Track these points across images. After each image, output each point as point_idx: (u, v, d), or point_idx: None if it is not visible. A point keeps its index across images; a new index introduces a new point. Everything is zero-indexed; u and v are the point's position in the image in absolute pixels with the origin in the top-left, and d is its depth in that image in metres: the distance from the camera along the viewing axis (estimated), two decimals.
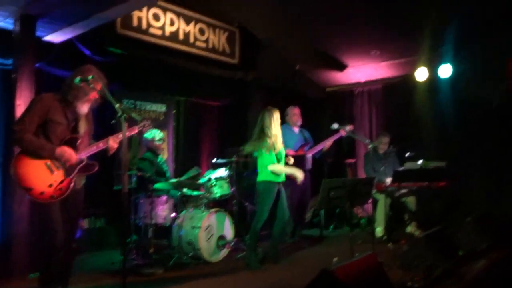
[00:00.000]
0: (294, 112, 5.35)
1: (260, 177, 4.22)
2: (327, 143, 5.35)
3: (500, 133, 5.31)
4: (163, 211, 4.43)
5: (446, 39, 5.40)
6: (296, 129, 5.43)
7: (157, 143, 4.82)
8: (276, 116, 4.29)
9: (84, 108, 3.10)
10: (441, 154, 5.61)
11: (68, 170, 3.00)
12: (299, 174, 4.25)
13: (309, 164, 5.31)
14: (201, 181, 4.78)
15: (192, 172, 4.79)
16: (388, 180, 5.22)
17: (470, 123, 5.64)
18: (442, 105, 5.97)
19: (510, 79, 5.14)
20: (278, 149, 4.24)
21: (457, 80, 5.77)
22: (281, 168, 4.20)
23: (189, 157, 6.03)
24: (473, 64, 5.56)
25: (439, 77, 5.89)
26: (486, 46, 5.17)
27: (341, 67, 6.74)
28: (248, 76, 6.32)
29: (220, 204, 4.92)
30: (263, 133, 4.22)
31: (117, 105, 2.82)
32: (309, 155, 5.28)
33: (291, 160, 4.48)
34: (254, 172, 4.45)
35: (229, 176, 4.84)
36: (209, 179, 4.70)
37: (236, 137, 6.36)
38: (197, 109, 6.31)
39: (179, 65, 5.45)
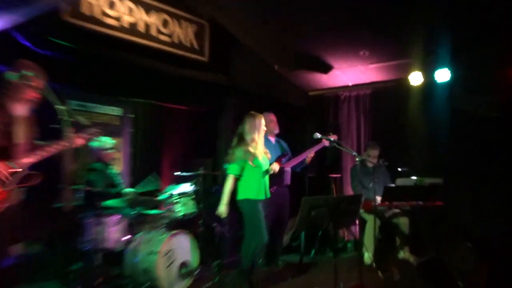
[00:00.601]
0: (270, 119, 5.37)
1: (242, 195, 4.24)
2: (309, 155, 5.36)
3: (496, 148, 5.44)
4: (114, 233, 4.38)
5: (443, 41, 5.52)
6: (272, 139, 5.47)
7: (107, 152, 4.84)
8: (259, 122, 4.35)
9: (20, 110, 2.99)
10: (437, 169, 5.68)
11: (4, 181, 2.88)
12: (223, 210, 4.28)
13: (287, 179, 5.29)
14: (161, 197, 4.73)
15: (149, 182, 4.76)
16: (378, 198, 5.26)
17: (467, 135, 5.76)
18: (439, 114, 6.07)
19: (506, 91, 5.26)
20: (262, 159, 4.29)
21: (454, 87, 5.89)
22: (226, 188, 4.24)
23: (148, 169, 5.88)
24: (471, 71, 5.70)
25: (436, 83, 6.00)
26: (487, 51, 5.31)
27: (326, 68, 6.78)
28: (219, 77, 6.35)
29: (183, 225, 4.89)
30: (241, 141, 4.28)
31: (60, 107, 2.71)
32: (287, 169, 5.27)
33: (276, 167, 4.49)
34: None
35: (195, 192, 4.84)
36: (171, 195, 4.72)
37: (204, 147, 6.37)
38: (160, 114, 6.28)
39: (138, 62, 5.41)
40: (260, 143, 4.37)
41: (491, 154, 5.50)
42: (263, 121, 4.43)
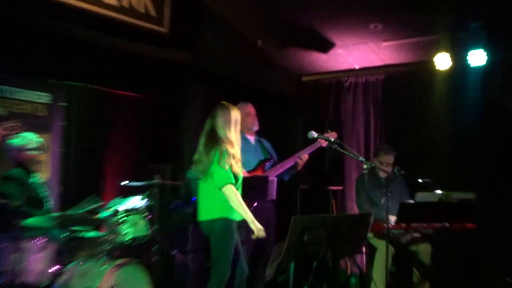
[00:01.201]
0: (247, 111, 5.39)
1: (215, 212, 4.26)
2: (300, 160, 5.34)
3: None
4: (38, 263, 4.32)
5: (478, 13, 5.59)
6: (251, 138, 5.47)
7: (30, 153, 4.78)
8: (235, 116, 4.41)
9: None
10: (468, 181, 5.74)
11: None
12: (258, 228, 4.28)
13: (272, 192, 5.18)
14: (102, 215, 4.71)
15: (89, 204, 4.76)
16: (392, 218, 5.25)
17: (507, 136, 5.89)
18: (471, 108, 6.15)
19: None
20: (238, 167, 4.33)
21: (491, 74, 6.00)
22: (239, 201, 4.22)
23: (85, 177, 5.93)
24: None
25: (468, 67, 6.05)
26: None
27: (326, 46, 6.78)
28: (183, 55, 6.35)
29: (132, 252, 4.86)
30: (215, 138, 4.32)
31: None
32: (272, 178, 5.22)
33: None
34: (188, 202, 4.51)
35: (149, 208, 4.85)
36: (116, 213, 4.72)
37: (162, 149, 6.37)
38: (102, 103, 6.25)
39: (73, 33, 5.36)
40: (237, 144, 4.40)
41: None
42: (239, 115, 4.48)
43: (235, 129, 4.41)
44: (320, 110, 7.40)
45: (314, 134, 5.00)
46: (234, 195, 4.20)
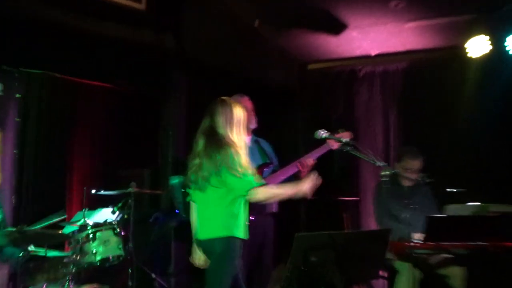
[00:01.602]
0: (244, 106, 5.36)
1: (217, 229, 4.27)
2: (305, 165, 5.33)
3: None
4: None
5: None
6: (247, 137, 5.39)
7: None
8: (238, 115, 4.46)
9: None
10: (509, 190, 5.78)
11: None
12: (309, 184, 4.34)
13: (271, 204, 5.26)
14: (66, 230, 4.74)
15: (50, 217, 4.79)
16: (417, 235, 5.26)
17: None
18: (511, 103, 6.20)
19: None
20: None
21: None
22: (283, 191, 4.32)
23: (45, 185, 5.90)
24: None
25: (507, 54, 6.08)
26: None
27: (336, 27, 6.78)
28: (164, 38, 6.38)
29: (102, 275, 4.87)
30: (217, 139, 4.35)
31: None
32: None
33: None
34: (171, 214, 4.61)
35: (122, 223, 4.90)
36: (83, 228, 4.74)
37: (139, 151, 6.44)
38: (67, 95, 6.28)
39: (30, 11, 5.37)
40: (243, 147, 4.41)
41: None
42: (243, 114, 4.49)
43: (239, 131, 4.42)
44: (330, 105, 7.40)
45: (322, 134, 4.95)
46: (268, 195, 4.28)
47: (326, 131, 4.96)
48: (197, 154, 4.36)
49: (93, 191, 5.14)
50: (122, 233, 4.88)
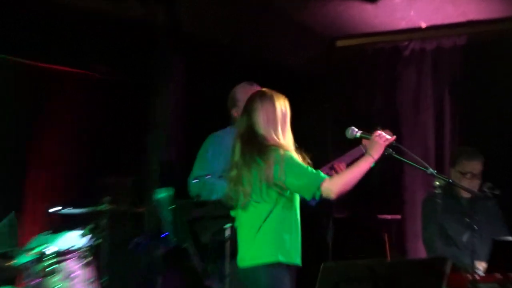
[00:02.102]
0: None
1: (262, 255, 4.31)
2: (334, 172, 5.27)
3: None
4: None
5: None
6: None
7: None
8: (282, 109, 4.52)
9: None
10: None
11: None
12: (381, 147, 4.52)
13: None
14: (19, 260, 4.70)
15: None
16: (482, 265, 5.21)
17: None
18: None
19: None
20: None
21: None
22: (357, 170, 4.46)
23: None
24: None
25: None
26: None
27: None
28: (153, 12, 6.45)
29: None
30: (259, 144, 4.40)
31: None
32: None
33: None
34: (157, 239, 4.64)
35: (92, 250, 4.88)
36: (42, 257, 4.70)
37: (118, 154, 6.46)
38: (29, 83, 6.33)
39: None
40: (292, 149, 4.47)
41: None
42: (288, 107, 4.54)
43: (285, 129, 4.48)
44: (365, 93, 7.34)
45: (355, 132, 4.86)
46: (343, 183, 4.34)
47: (359, 129, 4.85)
48: (234, 165, 4.43)
49: (56, 208, 5.10)
50: (94, 263, 4.85)
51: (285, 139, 4.48)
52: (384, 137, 4.46)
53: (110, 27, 6.26)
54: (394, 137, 4.50)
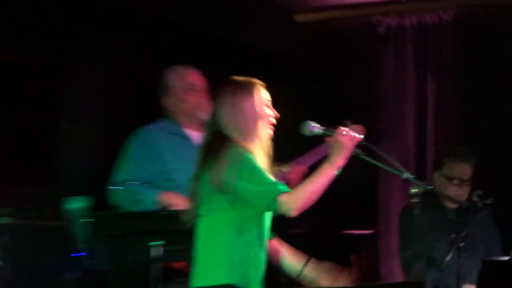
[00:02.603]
0: (188, 83, 5.64)
1: (217, 275, 4.38)
2: (293, 175, 5.44)
3: None
4: None
5: None
6: (196, 134, 5.64)
7: None
8: (255, 101, 4.55)
9: None
10: None
11: None
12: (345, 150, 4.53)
13: None
14: None
15: None
16: None
17: None
18: None
19: None
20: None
21: None
22: (319, 180, 4.46)
23: None
24: None
25: None
26: None
27: None
28: None
29: None
30: (220, 142, 4.46)
31: None
32: None
33: None
34: (67, 259, 4.85)
35: None
36: None
37: (23, 158, 6.45)
38: None
39: None
40: (261, 148, 4.53)
41: None
42: (261, 95, 4.56)
43: (254, 125, 4.48)
44: (331, 81, 7.44)
45: (314, 127, 4.90)
46: (303, 196, 4.34)
47: (321, 125, 4.91)
48: (193, 176, 4.54)
49: None
50: None
51: (254, 136, 4.52)
52: (350, 135, 4.49)
53: None
54: (361, 136, 4.52)
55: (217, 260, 4.39)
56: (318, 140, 5.17)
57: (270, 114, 4.60)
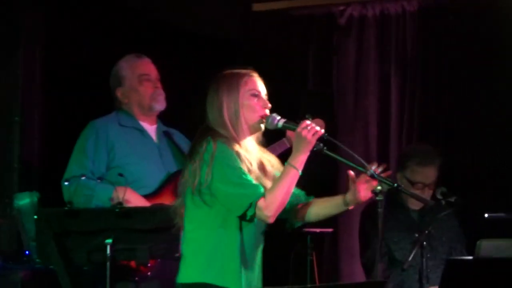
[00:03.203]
0: (143, 73, 5.64)
1: (192, 273, 4.44)
2: None
3: None
4: None
5: None
6: (150, 127, 5.74)
7: None
8: (244, 91, 4.57)
9: None
10: None
11: None
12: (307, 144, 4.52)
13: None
14: None
15: None
16: None
17: None
18: None
19: None
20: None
21: None
22: (287, 179, 4.48)
23: None
24: None
25: None
26: None
27: None
28: None
29: None
30: (202, 135, 4.51)
31: None
32: None
33: None
34: (15, 259, 4.97)
35: None
36: None
37: None
38: None
39: None
40: (248, 142, 4.57)
41: None
42: (251, 86, 4.57)
43: (238, 121, 4.49)
44: (288, 72, 7.33)
45: (277, 120, 4.82)
46: (277, 199, 4.36)
47: (280, 117, 4.78)
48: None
49: None
50: None
51: (243, 133, 4.54)
52: (313, 129, 4.42)
53: None
54: (323, 131, 4.46)
55: (195, 255, 4.40)
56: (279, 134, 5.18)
57: (260, 105, 4.57)
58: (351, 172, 4.62)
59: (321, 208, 4.76)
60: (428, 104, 7.02)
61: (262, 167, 4.62)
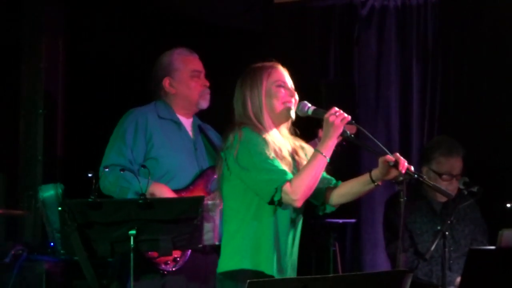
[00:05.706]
0: (196, 69, 5.64)
1: (233, 259, 4.50)
2: None
3: None
4: None
5: None
6: (186, 119, 5.72)
7: None
8: (267, 84, 4.62)
9: None
10: None
11: None
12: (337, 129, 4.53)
13: (215, 232, 5.41)
14: None
15: None
16: (457, 280, 5.25)
17: None
18: None
19: None
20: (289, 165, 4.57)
21: None
22: (316, 163, 4.49)
23: None
24: None
25: None
26: None
27: None
28: None
29: None
30: (230, 127, 4.58)
31: None
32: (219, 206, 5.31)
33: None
34: (39, 251, 4.92)
35: None
36: None
37: None
38: None
39: None
40: (277, 132, 4.64)
41: None
42: (275, 78, 4.64)
43: (261, 111, 4.56)
44: (310, 63, 7.34)
45: (307, 107, 4.83)
46: (305, 183, 4.38)
47: (310, 104, 4.80)
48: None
49: None
50: None
51: (270, 125, 4.58)
52: (341, 115, 4.44)
53: None
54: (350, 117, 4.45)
55: (232, 244, 4.49)
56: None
57: (287, 94, 4.62)
58: (390, 157, 4.56)
59: (349, 187, 4.78)
60: (449, 94, 6.99)
61: (295, 155, 4.65)
